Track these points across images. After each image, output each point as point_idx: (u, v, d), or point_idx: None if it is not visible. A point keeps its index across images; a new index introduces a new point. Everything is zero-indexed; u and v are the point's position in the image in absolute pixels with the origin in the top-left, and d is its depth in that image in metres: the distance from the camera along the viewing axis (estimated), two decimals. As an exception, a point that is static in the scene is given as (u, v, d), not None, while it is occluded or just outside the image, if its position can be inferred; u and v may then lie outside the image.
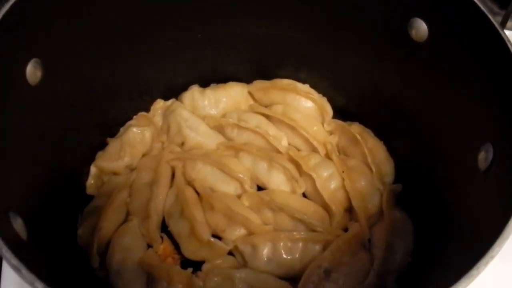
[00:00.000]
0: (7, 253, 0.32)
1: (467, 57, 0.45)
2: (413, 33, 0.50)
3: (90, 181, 0.60)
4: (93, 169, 0.60)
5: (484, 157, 0.41)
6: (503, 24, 0.75)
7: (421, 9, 0.48)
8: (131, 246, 0.54)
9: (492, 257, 0.30)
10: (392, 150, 0.61)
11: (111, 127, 0.63)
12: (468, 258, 0.32)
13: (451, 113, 0.48)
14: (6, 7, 0.41)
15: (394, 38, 0.52)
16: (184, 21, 0.58)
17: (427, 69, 0.51)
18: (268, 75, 0.67)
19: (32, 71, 0.45)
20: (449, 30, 0.47)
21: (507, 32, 0.71)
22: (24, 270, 0.32)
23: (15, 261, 0.32)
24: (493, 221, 0.33)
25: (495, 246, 0.30)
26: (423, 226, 0.53)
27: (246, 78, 0.67)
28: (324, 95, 0.66)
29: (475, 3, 0.42)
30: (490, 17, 0.41)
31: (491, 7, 0.79)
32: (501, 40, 0.40)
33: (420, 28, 0.49)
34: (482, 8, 0.42)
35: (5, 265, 0.54)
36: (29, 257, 0.33)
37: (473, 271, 0.30)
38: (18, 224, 0.38)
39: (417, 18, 0.49)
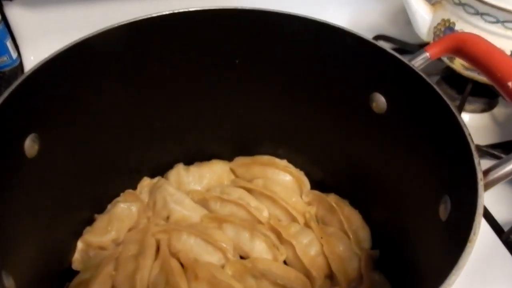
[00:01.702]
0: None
1: (423, 129, 0.50)
2: (374, 105, 0.56)
3: (77, 256, 0.61)
4: (80, 244, 0.62)
5: (444, 208, 0.44)
6: (460, 108, 0.83)
7: (380, 85, 0.55)
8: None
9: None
10: (367, 218, 0.64)
11: (99, 204, 0.65)
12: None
13: (412, 174, 0.52)
14: (10, 89, 0.46)
15: (359, 111, 0.58)
16: (172, 105, 0.64)
17: (389, 139, 0.56)
18: (248, 153, 0.72)
19: (30, 145, 0.49)
20: (405, 104, 0.53)
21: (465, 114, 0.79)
22: None
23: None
24: (453, 258, 0.36)
25: (451, 275, 0.33)
26: (399, 285, 0.55)
27: (228, 155, 0.72)
28: (301, 169, 0.71)
29: (429, 84, 0.48)
30: (438, 90, 0.47)
31: (450, 93, 0.88)
32: (453, 117, 0.45)
33: (380, 101, 0.55)
34: (430, 82, 0.48)
35: None
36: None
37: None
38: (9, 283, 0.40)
39: (377, 92, 0.55)
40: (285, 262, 0.61)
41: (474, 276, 0.60)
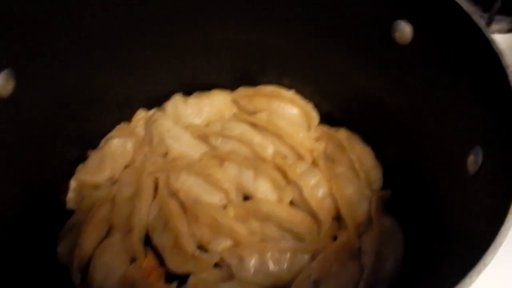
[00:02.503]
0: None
1: (453, 60, 0.44)
2: (397, 36, 0.49)
3: (70, 195, 0.58)
4: (73, 183, 0.58)
5: (474, 160, 0.39)
6: (488, 25, 0.75)
7: (405, 11, 0.47)
8: (113, 263, 0.52)
9: (485, 265, 0.28)
10: (380, 156, 0.60)
11: (91, 140, 0.61)
12: (461, 266, 0.31)
13: (439, 117, 0.47)
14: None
15: (378, 41, 0.51)
16: (163, 29, 0.56)
17: (412, 73, 0.50)
18: (252, 82, 0.65)
19: (4, 82, 0.43)
20: (433, 32, 0.46)
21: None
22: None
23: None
24: (484, 227, 0.32)
25: (488, 254, 0.29)
26: (413, 233, 0.52)
27: (229, 85, 0.66)
28: (309, 101, 0.65)
29: (458, 5, 0.41)
30: (474, 18, 0.41)
31: (475, 11, 0.79)
32: (486, 42, 0.39)
33: (404, 30, 0.48)
34: (466, 9, 0.41)
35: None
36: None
37: (466, 280, 0.29)
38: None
39: (401, 20, 0.48)
40: (290, 203, 0.58)
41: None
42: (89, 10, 0.49)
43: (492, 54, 0.38)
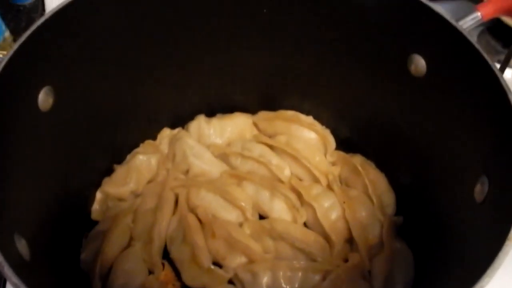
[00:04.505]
0: (8, 271, 0.33)
1: (464, 93, 0.46)
2: (412, 68, 0.51)
3: (96, 206, 0.61)
4: (98, 195, 0.62)
5: (480, 189, 0.41)
6: (506, 62, 0.76)
7: (420, 46, 0.50)
8: (133, 271, 0.55)
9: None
10: (393, 182, 0.62)
11: (118, 154, 0.64)
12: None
13: (448, 145, 0.49)
14: (23, 38, 0.43)
15: (395, 71, 0.53)
16: (192, 52, 0.60)
17: (426, 103, 0.52)
18: (273, 106, 0.68)
19: (44, 98, 0.47)
20: (446, 67, 0.48)
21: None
22: (24, 288, 0.33)
23: (16, 280, 0.33)
24: (485, 252, 0.33)
25: (485, 277, 0.30)
26: (422, 257, 0.53)
27: (251, 108, 0.69)
28: (327, 126, 0.67)
29: (471, 44, 0.43)
30: (486, 56, 0.42)
31: (494, 46, 0.81)
32: (495, 78, 0.41)
33: (419, 64, 0.50)
34: (478, 48, 0.43)
35: (8, 285, 0.55)
36: (30, 277, 0.34)
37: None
38: (22, 245, 0.40)
39: (416, 54, 0.50)
40: (304, 225, 0.59)
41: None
42: (123, 27, 0.52)
43: (500, 90, 0.40)
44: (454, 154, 0.48)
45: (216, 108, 0.68)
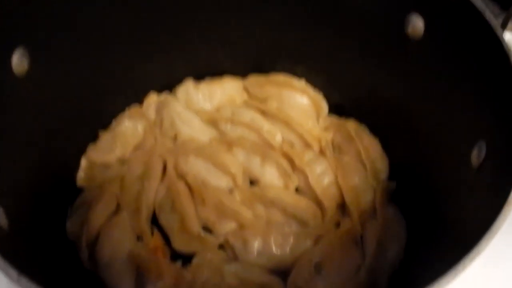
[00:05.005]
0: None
1: (462, 56, 0.44)
2: (409, 30, 0.49)
3: (81, 173, 0.59)
4: (83, 162, 0.60)
5: (477, 154, 0.40)
6: (504, 26, 0.74)
7: (419, 5, 0.48)
8: (120, 239, 0.54)
9: (478, 253, 0.29)
10: (387, 148, 0.60)
11: (103, 120, 0.62)
12: (458, 254, 0.32)
13: (445, 111, 0.47)
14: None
15: (390, 34, 0.52)
16: (179, 16, 0.57)
17: (422, 68, 0.50)
18: (264, 70, 0.66)
19: (19, 61, 0.44)
20: (445, 28, 0.46)
21: (507, 33, 0.70)
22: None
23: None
24: (482, 218, 0.32)
25: (482, 242, 0.29)
26: (415, 223, 0.53)
27: (241, 72, 0.66)
28: (320, 91, 0.65)
29: (472, 4, 0.41)
30: (487, 17, 0.41)
31: (492, 9, 0.78)
32: (497, 40, 0.39)
33: (417, 24, 0.48)
34: (480, 9, 0.41)
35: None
36: (8, 246, 0.33)
37: (459, 267, 0.29)
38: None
39: (414, 13, 0.48)
40: (296, 191, 0.58)
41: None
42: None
43: (501, 52, 0.39)
44: (451, 120, 0.46)
45: (204, 73, 0.66)
